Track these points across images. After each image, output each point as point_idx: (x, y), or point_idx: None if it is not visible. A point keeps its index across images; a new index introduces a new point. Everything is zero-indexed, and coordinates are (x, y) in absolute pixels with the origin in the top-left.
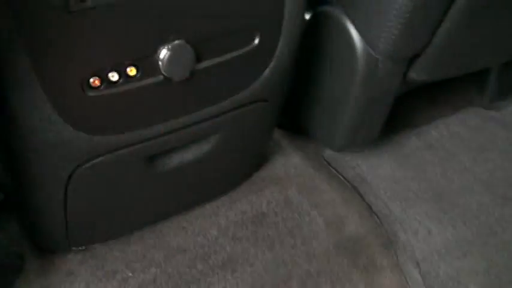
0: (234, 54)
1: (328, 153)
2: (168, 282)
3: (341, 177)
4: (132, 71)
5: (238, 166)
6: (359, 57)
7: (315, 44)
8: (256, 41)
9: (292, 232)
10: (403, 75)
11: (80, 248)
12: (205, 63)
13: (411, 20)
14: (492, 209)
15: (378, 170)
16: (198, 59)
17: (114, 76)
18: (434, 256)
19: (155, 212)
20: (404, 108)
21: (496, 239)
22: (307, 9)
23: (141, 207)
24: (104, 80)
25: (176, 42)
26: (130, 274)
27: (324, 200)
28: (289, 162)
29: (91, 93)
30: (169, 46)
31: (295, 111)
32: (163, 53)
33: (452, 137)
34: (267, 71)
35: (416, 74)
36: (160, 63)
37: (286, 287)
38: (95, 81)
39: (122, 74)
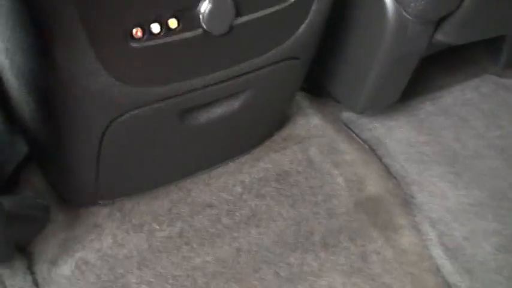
0: (272, 9)
1: (346, 115)
2: (194, 235)
3: (359, 139)
4: (173, 23)
5: (263, 124)
6: (390, 17)
7: (345, 3)
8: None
9: (314, 190)
10: (430, 37)
11: (107, 201)
12: (244, 18)
13: None
14: (504, 173)
15: (394, 133)
16: (237, 13)
17: (156, 28)
18: (449, 217)
19: (181, 168)
20: (420, 75)
21: (509, 203)
22: None
23: (169, 162)
24: (146, 31)
25: None
26: (157, 227)
27: (344, 160)
28: (310, 123)
29: (133, 44)
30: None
31: (318, 73)
32: (205, 5)
33: (466, 103)
34: (301, 28)
35: (443, 36)
36: (201, 16)
37: (308, 243)
38: (137, 32)
39: (164, 26)
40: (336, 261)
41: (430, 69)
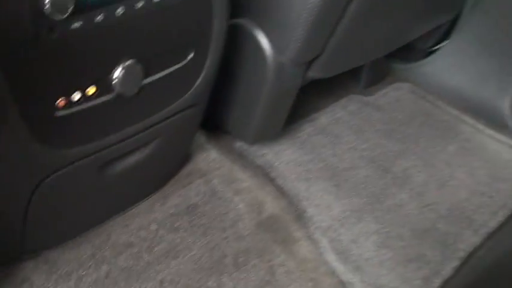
0: (174, 68)
1: (239, 145)
2: (120, 275)
3: (253, 166)
4: (91, 91)
5: (169, 165)
6: (269, 62)
7: (231, 52)
8: (191, 55)
9: (221, 217)
10: (303, 74)
11: (32, 255)
12: (150, 78)
13: (312, 30)
14: (375, 179)
15: (282, 155)
16: (146, 75)
17: (77, 96)
18: (336, 224)
19: (100, 213)
20: (298, 101)
21: (382, 205)
22: None
23: (89, 210)
24: (69, 100)
25: (128, 62)
26: (84, 273)
27: (243, 187)
28: (209, 157)
29: (58, 113)
30: (123, 66)
31: (213, 111)
32: (118, 72)
33: (338, 121)
34: (198, 81)
35: (314, 73)
36: (114, 82)
37: (221, 266)
38: (61, 102)
39: (83, 93)
40: (248, 278)
41: (306, 94)
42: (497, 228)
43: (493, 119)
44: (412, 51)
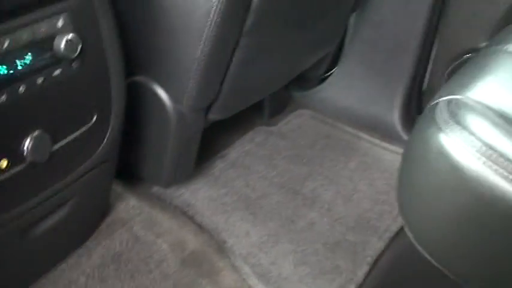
0: (80, 132)
1: (156, 189)
2: None
3: (172, 206)
4: (3, 164)
5: (90, 219)
6: (169, 113)
7: (134, 107)
8: (95, 117)
9: (146, 261)
10: (204, 118)
11: None
12: (59, 144)
13: (203, 80)
14: (287, 203)
15: (198, 193)
16: (54, 142)
17: None
18: (255, 250)
19: (27, 275)
20: (208, 138)
21: (296, 225)
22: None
23: (15, 273)
24: None
25: (36, 133)
26: None
27: (164, 228)
28: (129, 205)
29: None
30: (31, 137)
31: (126, 161)
32: (27, 143)
33: (247, 154)
34: (105, 139)
35: (215, 115)
36: (25, 152)
37: None
38: None
39: None
40: None
41: (215, 131)
42: (398, 232)
43: (386, 133)
44: (307, 79)
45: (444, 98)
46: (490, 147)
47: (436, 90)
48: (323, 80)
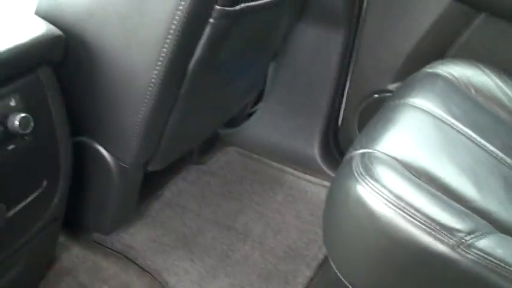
0: (32, 197)
1: (97, 235)
2: None
3: (114, 251)
4: None
5: (37, 272)
6: (112, 170)
7: (78, 164)
8: (45, 183)
9: None
10: (144, 171)
11: None
12: (13, 210)
13: (144, 141)
14: (222, 239)
15: (138, 236)
16: (8, 209)
17: None
18: (195, 286)
19: None
20: (145, 180)
21: (231, 260)
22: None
23: None
24: None
25: None
26: None
27: (109, 274)
28: (72, 254)
29: None
30: None
31: (70, 211)
32: None
33: (181, 192)
34: (55, 199)
35: (154, 167)
36: None
37: None
38: None
39: None
40: None
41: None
42: (324, 259)
43: (308, 166)
44: (233, 118)
45: (359, 151)
46: (399, 198)
47: (350, 126)
48: (247, 117)
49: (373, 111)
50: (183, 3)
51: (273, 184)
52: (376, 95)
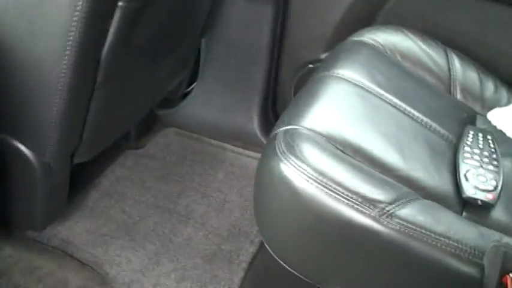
0: None
1: (31, 232)
2: None
3: (50, 247)
4: None
5: None
6: (34, 166)
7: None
8: None
9: None
10: (70, 164)
11: None
12: None
13: (63, 133)
14: (164, 223)
15: (75, 229)
16: None
17: None
18: (138, 275)
19: None
20: (79, 168)
21: (174, 244)
22: None
23: None
24: None
25: None
26: None
27: (44, 272)
28: (5, 254)
29: None
30: None
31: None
32: None
33: (119, 180)
34: None
35: (80, 159)
36: None
37: None
38: None
39: None
40: None
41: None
42: None
43: (248, 141)
44: (169, 98)
45: (282, 129)
46: (321, 174)
47: (287, 98)
48: (184, 96)
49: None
50: None
51: (213, 162)
52: (311, 65)
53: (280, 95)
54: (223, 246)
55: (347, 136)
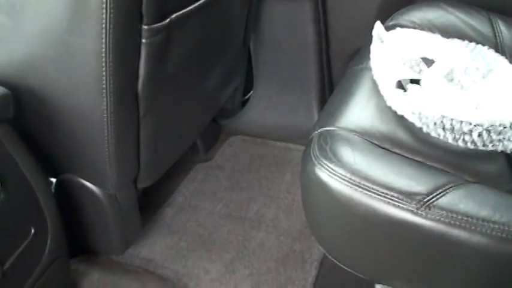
0: (23, 246)
1: (114, 256)
2: None
3: (133, 267)
4: None
5: None
6: (100, 198)
7: (68, 199)
8: (32, 230)
9: None
10: (135, 188)
11: None
12: (8, 262)
13: (119, 164)
14: (237, 230)
15: (155, 246)
16: (2, 263)
17: None
18: (216, 284)
19: None
20: (153, 187)
21: (248, 250)
22: (53, 177)
23: None
24: None
25: None
26: None
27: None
28: (93, 279)
29: None
30: None
31: (79, 242)
32: None
33: (192, 194)
34: (48, 241)
35: (144, 184)
36: None
37: None
38: None
39: None
40: None
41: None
42: None
43: None
44: (230, 107)
45: (317, 132)
46: (354, 174)
47: None
48: (244, 103)
49: None
50: (103, 34)
51: (280, 165)
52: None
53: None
54: (295, 247)
55: (382, 129)
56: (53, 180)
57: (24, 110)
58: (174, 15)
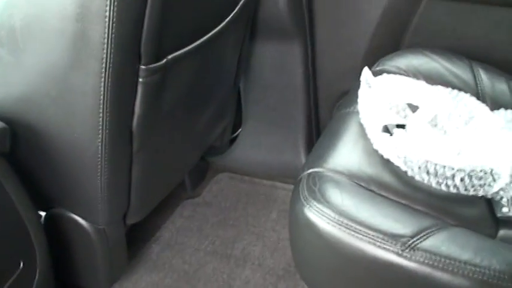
0: (12, 279)
1: None
2: None
3: None
4: None
5: None
6: (89, 232)
7: (57, 233)
8: (21, 264)
9: None
10: (124, 223)
11: None
12: None
13: (111, 200)
14: (222, 268)
15: (141, 282)
16: None
17: None
18: None
19: None
20: (140, 222)
21: None
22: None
23: None
24: None
25: None
26: None
27: None
28: None
29: None
30: None
31: (63, 276)
32: None
33: (179, 230)
34: (37, 274)
35: (132, 220)
36: None
37: None
38: None
39: None
40: None
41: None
42: None
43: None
44: (218, 144)
45: (305, 173)
46: (342, 215)
47: None
48: (232, 141)
49: None
50: (103, 73)
51: (266, 202)
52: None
53: (323, 127)
54: (280, 285)
55: (369, 171)
56: (43, 213)
57: (19, 144)
58: (170, 56)
